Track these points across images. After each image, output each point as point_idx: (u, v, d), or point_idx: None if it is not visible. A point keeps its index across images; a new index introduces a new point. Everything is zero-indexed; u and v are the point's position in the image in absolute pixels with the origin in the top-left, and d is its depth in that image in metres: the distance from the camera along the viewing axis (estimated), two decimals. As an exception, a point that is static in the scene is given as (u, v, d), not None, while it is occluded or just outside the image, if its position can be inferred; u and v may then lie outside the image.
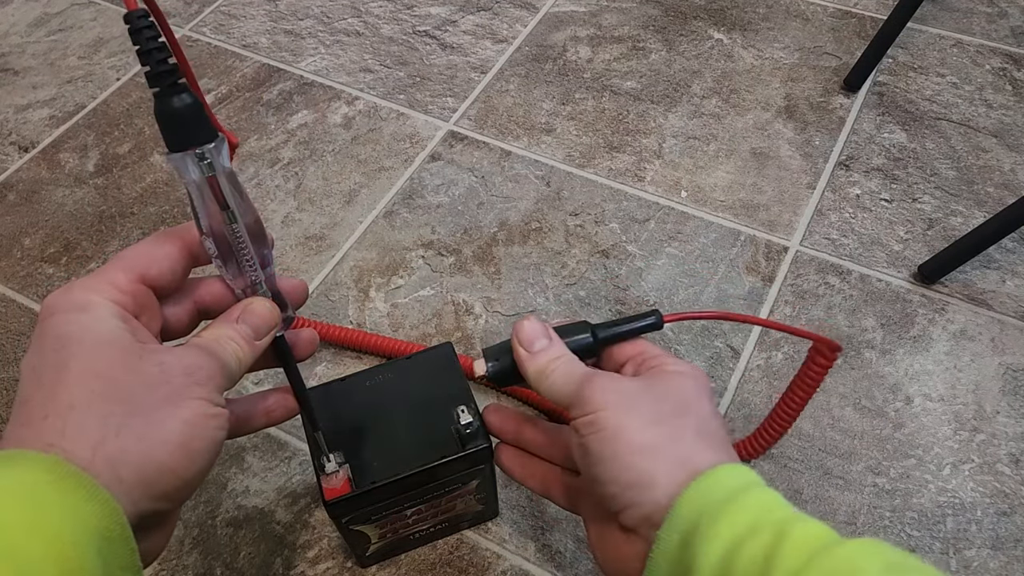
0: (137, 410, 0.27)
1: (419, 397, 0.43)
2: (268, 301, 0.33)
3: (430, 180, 0.68)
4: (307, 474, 0.52)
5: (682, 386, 0.35)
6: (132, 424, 0.26)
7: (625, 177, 0.68)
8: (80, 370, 0.27)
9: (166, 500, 0.28)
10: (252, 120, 0.74)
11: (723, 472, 0.31)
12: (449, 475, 0.42)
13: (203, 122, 0.29)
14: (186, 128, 0.29)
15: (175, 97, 0.28)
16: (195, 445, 0.28)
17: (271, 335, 0.33)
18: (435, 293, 0.61)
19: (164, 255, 0.31)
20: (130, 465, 0.26)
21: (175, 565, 0.49)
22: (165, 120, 0.29)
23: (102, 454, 0.26)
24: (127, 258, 0.30)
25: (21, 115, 0.76)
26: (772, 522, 0.28)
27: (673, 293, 0.60)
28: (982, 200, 0.65)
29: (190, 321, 0.34)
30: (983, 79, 0.74)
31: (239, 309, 0.32)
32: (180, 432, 0.27)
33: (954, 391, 0.54)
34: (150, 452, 0.27)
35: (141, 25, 0.27)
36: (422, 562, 0.48)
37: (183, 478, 0.28)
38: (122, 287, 0.29)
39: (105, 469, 0.25)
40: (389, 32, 0.81)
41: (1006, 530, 0.48)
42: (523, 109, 0.73)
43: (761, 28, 0.79)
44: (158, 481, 0.27)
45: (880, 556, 0.26)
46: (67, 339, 0.27)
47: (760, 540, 0.28)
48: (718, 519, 0.29)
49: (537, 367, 0.36)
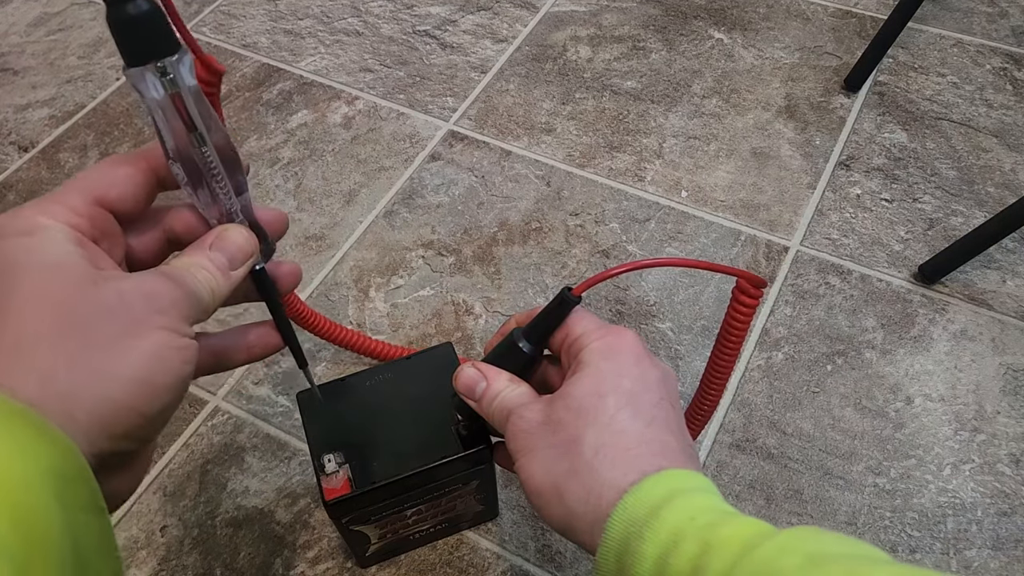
0: (91, 342, 0.24)
1: (419, 397, 0.43)
2: (244, 228, 0.31)
3: (430, 180, 0.68)
4: (307, 474, 0.52)
5: (588, 389, 0.32)
6: (86, 357, 0.24)
7: (625, 177, 0.68)
8: (27, 299, 0.24)
9: (128, 439, 0.25)
10: (252, 120, 0.74)
11: (653, 480, 0.29)
12: (449, 475, 0.42)
13: (163, 32, 0.26)
14: (144, 38, 0.26)
15: (129, 3, 0.25)
16: (157, 380, 0.25)
17: (247, 265, 0.31)
18: (435, 293, 0.61)
19: (125, 176, 0.28)
20: (85, 400, 0.24)
21: (175, 565, 0.49)
22: (119, 28, 0.25)
23: (52, 390, 0.23)
24: (83, 179, 0.28)
25: (21, 115, 0.76)
26: (696, 530, 0.27)
27: (673, 293, 0.60)
28: (983, 200, 0.65)
29: (158, 251, 0.31)
30: (983, 79, 0.73)
31: (212, 236, 0.30)
32: (140, 366, 0.25)
33: (954, 391, 0.54)
34: (106, 388, 0.24)
35: None
36: (422, 562, 0.48)
37: (145, 415, 0.25)
38: (77, 209, 0.27)
39: (56, 406, 0.23)
40: (389, 32, 0.81)
41: (1006, 530, 0.48)
42: (523, 109, 0.73)
43: (761, 28, 0.79)
44: (116, 420, 0.24)
45: (802, 549, 0.25)
46: (13, 265, 0.25)
47: (686, 551, 0.27)
48: (643, 537, 0.28)
49: (486, 413, 0.36)
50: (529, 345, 0.36)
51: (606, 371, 0.32)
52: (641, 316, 0.59)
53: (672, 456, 0.31)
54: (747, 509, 0.50)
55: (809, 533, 0.26)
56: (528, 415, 0.33)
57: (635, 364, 0.33)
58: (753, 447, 0.52)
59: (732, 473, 0.51)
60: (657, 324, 0.58)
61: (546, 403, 0.33)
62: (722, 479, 0.51)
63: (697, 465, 0.32)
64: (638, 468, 0.30)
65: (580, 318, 0.35)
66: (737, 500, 0.50)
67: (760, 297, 0.37)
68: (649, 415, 0.32)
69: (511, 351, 0.36)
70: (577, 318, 0.35)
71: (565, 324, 0.35)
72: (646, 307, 0.59)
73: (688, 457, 0.32)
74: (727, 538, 0.26)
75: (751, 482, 0.51)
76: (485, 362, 0.37)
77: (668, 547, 0.27)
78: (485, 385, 0.35)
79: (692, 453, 0.32)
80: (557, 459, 0.31)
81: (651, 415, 0.32)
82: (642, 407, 0.32)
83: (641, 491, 0.29)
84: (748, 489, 0.51)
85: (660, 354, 0.57)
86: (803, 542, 0.25)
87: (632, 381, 0.32)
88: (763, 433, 0.53)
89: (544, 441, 0.32)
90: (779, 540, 0.26)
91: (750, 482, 0.51)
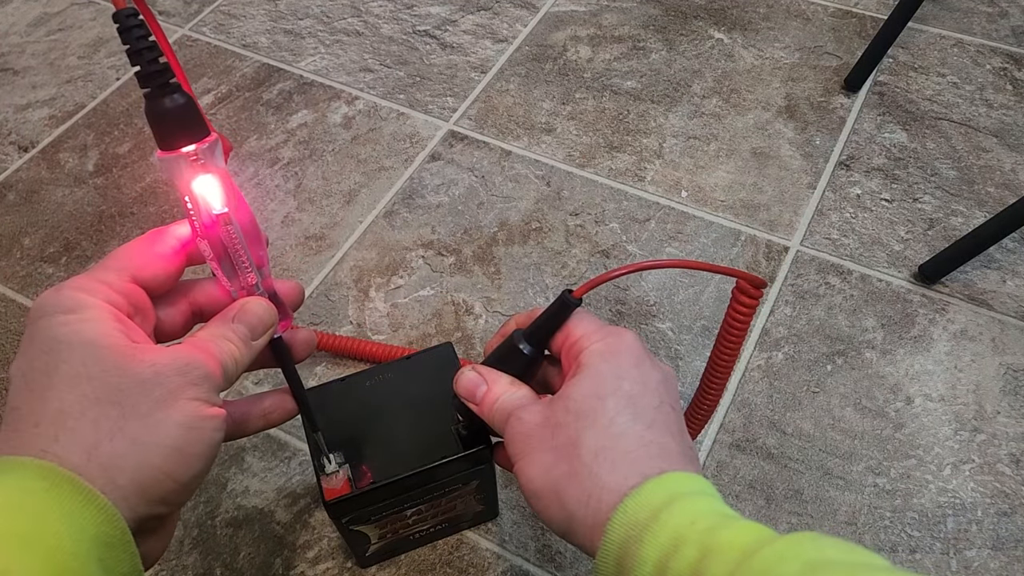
0: (130, 413, 0.26)
1: (419, 397, 0.43)
2: (264, 300, 0.33)
3: (430, 180, 0.68)
4: (307, 474, 0.52)
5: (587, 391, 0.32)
6: (126, 427, 0.26)
7: (625, 177, 0.68)
8: (70, 374, 0.26)
9: (163, 504, 0.27)
10: (252, 120, 0.74)
11: (654, 484, 0.29)
12: (449, 475, 0.42)
13: (195, 121, 0.29)
14: (178, 128, 0.28)
15: (167, 97, 0.28)
16: (191, 448, 0.27)
17: (268, 335, 0.33)
18: (435, 293, 0.61)
19: (158, 255, 0.31)
20: (125, 470, 0.25)
21: (175, 565, 0.49)
22: (156, 120, 0.28)
23: (96, 459, 0.25)
24: (120, 257, 0.30)
25: (21, 115, 0.76)
26: (696, 534, 0.27)
27: (673, 293, 0.60)
28: (983, 200, 0.65)
29: (184, 323, 0.33)
30: (984, 79, 0.73)
31: (235, 309, 0.32)
32: (175, 435, 0.27)
33: (954, 391, 0.54)
34: (145, 456, 0.26)
35: (131, 24, 0.27)
36: (422, 562, 0.48)
37: (180, 481, 0.27)
38: (115, 287, 0.29)
39: (100, 474, 0.25)
40: (389, 32, 0.81)
41: (1007, 530, 0.48)
42: (523, 109, 0.73)
43: (761, 28, 0.79)
44: (154, 485, 0.26)
45: (800, 556, 0.25)
46: (56, 342, 0.27)
47: (685, 557, 0.26)
48: (643, 541, 0.28)
49: (486, 416, 0.35)
50: (530, 347, 0.36)
51: (606, 373, 0.32)
52: (641, 316, 0.59)
53: (672, 459, 0.31)
54: (747, 509, 0.50)
55: (808, 539, 0.26)
56: (527, 417, 0.33)
57: (635, 366, 0.33)
58: (753, 447, 0.52)
59: (732, 473, 0.51)
60: (657, 324, 0.58)
61: (545, 405, 0.33)
62: (722, 479, 0.51)
63: (697, 467, 0.32)
64: (638, 471, 0.30)
65: (580, 320, 0.35)
66: (737, 500, 0.50)
67: (760, 297, 0.37)
68: (649, 418, 0.32)
69: (512, 353, 0.36)
70: (577, 320, 0.35)
71: (565, 326, 0.35)
72: (646, 307, 0.59)
73: (688, 460, 0.31)
74: (727, 543, 0.26)
75: (751, 482, 0.51)
76: (486, 364, 0.37)
77: (668, 551, 0.27)
78: (485, 389, 0.35)
79: (692, 455, 0.32)
80: (556, 462, 0.31)
81: (651, 418, 0.32)
82: (642, 410, 0.32)
83: (641, 494, 0.29)
84: (748, 489, 0.51)
85: (660, 354, 0.57)
86: (802, 549, 0.25)
87: (632, 383, 0.32)
88: (763, 433, 0.53)
89: (543, 444, 0.32)
90: (778, 546, 0.26)
91: (750, 482, 0.51)
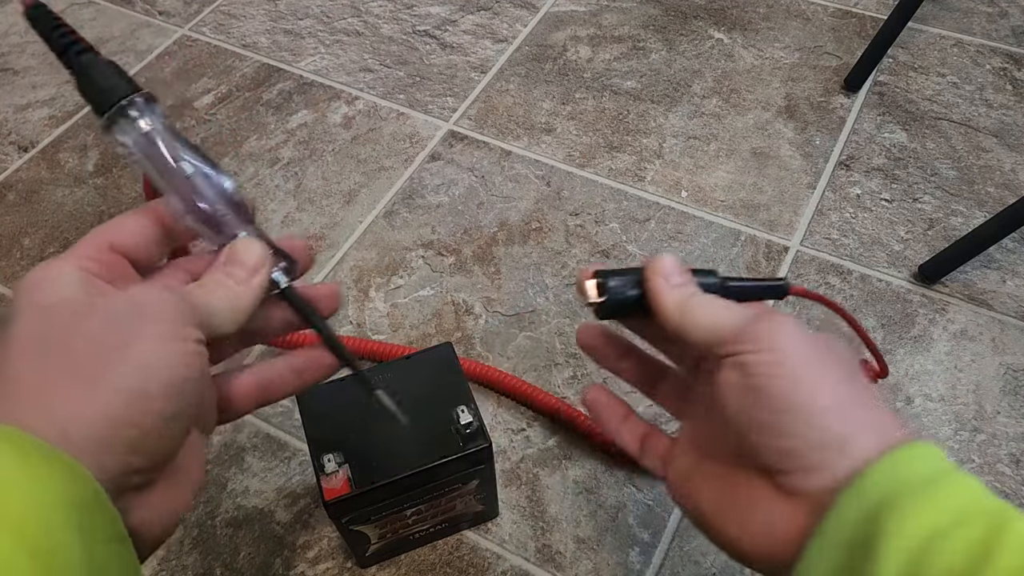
0: (81, 362, 0.25)
1: (419, 397, 0.43)
2: (249, 239, 0.31)
3: (430, 180, 0.68)
4: (307, 474, 0.52)
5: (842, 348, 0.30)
6: (76, 378, 0.24)
7: (625, 177, 0.68)
8: (19, 338, 0.25)
9: (133, 454, 0.25)
10: (252, 120, 0.74)
11: (924, 448, 0.27)
12: (449, 475, 0.42)
13: (121, 79, 0.30)
14: (106, 87, 0.30)
15: (83, 56, 0.30)
16: (150, 388, 0.25)
17: (264, 272, 0.30)
18: (435, 293, 0.61)
19: (135, 223, 0.30)
20: (78, 422, 0.24)
21: (175, 565, 0.49)
22: (85, 88, 0.30)
23: (49, 417, 0.24)
24: (95, 231, 0.29)
25: (21, 115, 0.76)
26: (984, 512, 0.25)
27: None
28: (983, 200, 0.65)
29: None
30: (983, 79, 0.73)
31: (223, 255, 0.30)
32: (128, 375, 0.25)
33: (954, 391, 0.54)
34: (99, 404, 0.24)
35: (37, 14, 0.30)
36: (422, 562, 0.48)
37: (142, 426, 0.25)
38: (89, 255, 0.28)
39: (53, 431, 0.23)
40: (389, 32, 0.81)
41: (1007, 530, 0.48)
42: (523, 109, 0.73)
43: (761, 28, 0.79)
44: (114, 435, 0.24)
45: None
46: (17, 311, 0.26)
47: (970, 532, 0.24)
48: (920, 500, 0.25)
49: (679, 298, 0.32)
50: (718, 290, 0.33)
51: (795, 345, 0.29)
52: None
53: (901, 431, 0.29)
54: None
55: None
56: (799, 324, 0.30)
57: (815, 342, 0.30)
58: (753, 447, 0.52)
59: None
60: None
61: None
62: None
63: None
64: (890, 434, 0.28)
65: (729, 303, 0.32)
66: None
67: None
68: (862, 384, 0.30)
69: (707, 278, 0.34)
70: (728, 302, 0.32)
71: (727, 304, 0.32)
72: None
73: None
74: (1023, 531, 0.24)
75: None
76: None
77: (950, 522, 0.24)
78: (686, 279, 0.32)
79: None
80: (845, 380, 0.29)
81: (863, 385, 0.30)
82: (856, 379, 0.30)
83: (919, 448, 0.27)
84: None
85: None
86: None
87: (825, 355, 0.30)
88: (763, 433, 0.53)
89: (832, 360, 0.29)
90: None
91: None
